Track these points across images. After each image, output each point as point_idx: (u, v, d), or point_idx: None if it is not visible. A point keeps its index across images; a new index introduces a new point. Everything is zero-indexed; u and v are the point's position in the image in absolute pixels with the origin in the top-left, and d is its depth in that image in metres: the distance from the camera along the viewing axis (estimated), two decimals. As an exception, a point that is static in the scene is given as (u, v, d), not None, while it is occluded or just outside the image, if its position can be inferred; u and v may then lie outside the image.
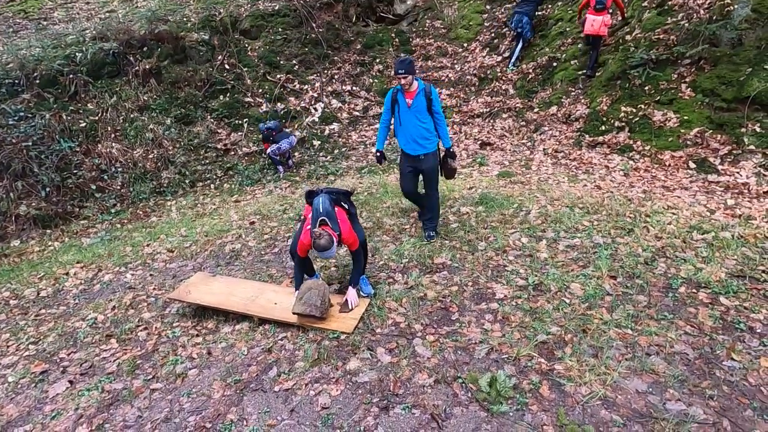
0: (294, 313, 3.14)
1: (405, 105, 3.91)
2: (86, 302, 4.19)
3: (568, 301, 3.25)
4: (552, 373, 2.60)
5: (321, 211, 3.14)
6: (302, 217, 3.47)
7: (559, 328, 2.97)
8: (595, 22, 7.13)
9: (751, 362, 2.55)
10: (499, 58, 9.41)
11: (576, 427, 2.20)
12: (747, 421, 2.19)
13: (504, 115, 8.16)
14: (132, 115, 7.65)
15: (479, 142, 7.63)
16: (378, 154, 4.35)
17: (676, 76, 6.18)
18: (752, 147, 5.20)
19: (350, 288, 3.36)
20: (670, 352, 2.68)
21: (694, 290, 3.24)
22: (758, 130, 5.26)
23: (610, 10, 7.33)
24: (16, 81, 7.14)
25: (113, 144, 7.23)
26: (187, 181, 7.32)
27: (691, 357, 2.63)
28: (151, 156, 7.32)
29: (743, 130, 5.36)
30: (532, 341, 2.86)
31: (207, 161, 7.74)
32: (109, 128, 7.41)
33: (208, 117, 8.26)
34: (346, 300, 3.33)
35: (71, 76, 7.47)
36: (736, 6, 5.81)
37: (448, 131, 4.10)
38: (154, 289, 4.25)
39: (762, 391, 2.35)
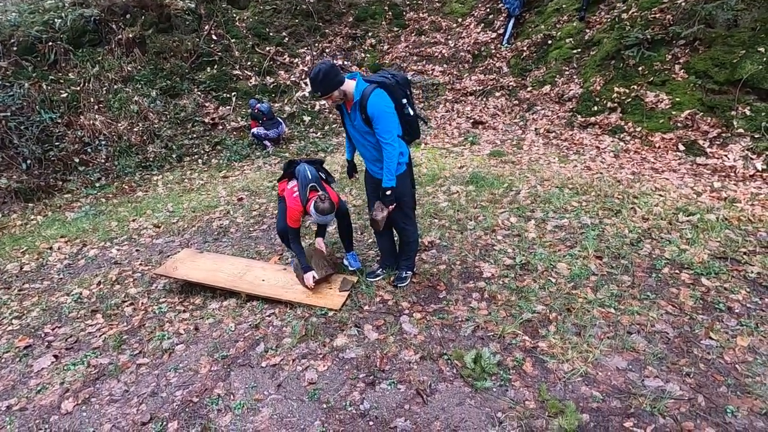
0: (317, 282, 3.25)
1: (348, 118, 2.85)
2: (71, 277, 4.14)
3: (554, 280, 3.29)
4: (536, 351, 2.65)
5: (310, 177, 3.13)
6: (279, 196, 3.48)
7: (545, 306, 3.02)
8: None
9: (728, 341, 2.62)
10: (494, 35, 9.24)
11: (557, 402, 2.25)
12: (721, 397, 2.26)
13: (497, 94, 8.07)
14: (115, 86, 7.41)
15: (471, 121, 7.56)
16: (347, 164, 3.38)
17: (670, 56, 6.14)
18: (741, 130, 5.23)
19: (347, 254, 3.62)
20: (650, 331, 2.74)
21: (677, 271, 3.30)
22: (748, 113, 5.27)
23: None
24: (-8, 48, 6.84)
25: (96, 116, 7.02)
26: (173, 156, 7.17)
27: (671, 336, 2.70)
28: (136, 129, 7.14)
29: (733, 113, 5.37)
30: (517, 319, 2.90)
31: (194, 135, 7.57)
32: (92, 99, 7.18)
33: (195, 89, 8.04)
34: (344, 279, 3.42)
35: (50, 43, 7.18)
36: (733, -14, 5.74)
37: (394, 164, 2.71)
38: (140, 264, 4.20)
39: (737, 369, 2.43)
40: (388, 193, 2.80)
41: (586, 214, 4.18)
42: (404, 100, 2.75)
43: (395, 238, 3.40)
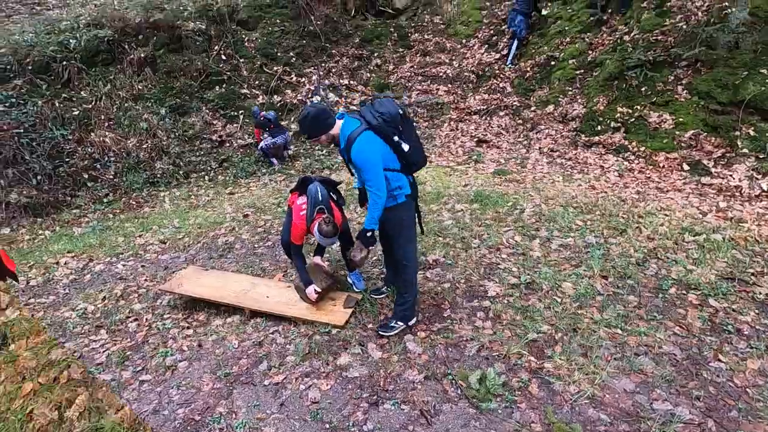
0: (318, 292, 3.23)
1: (342, 155, 2.72)
2: (76, 292, 4.15)
3: (559, 299, 3.27)
4: (541, 372, 2.61)
5: (320, 199, 3.12)
6: (288, 206, 3.47)
7: (550, 326, 2.99)
8: None
9: (738, 364, 2.57)
10: (498, 56, 9.38)
11: (563, 425, 2.21)
12: (732, 422, 2.21)
13: (501, 113, 8.15)
14: (126, 104, 7.56)
15: (476, 140, 7.62)
16: (358, 192, 3.14)
17: (672, 77, 6.20)
18: (745, 150, 5.23)
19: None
20: (658, 352, 2.70)
21: (683, 291, 3.27)
22: (752, 133, 5.29)
23: None
24: (8, 67, 7.02)
25: (106, 133, 7.15)
26: (181, 172, 7.26)
27: (679, 358, 2.66)
28: (144, 146, 7.25)
29: (737, 133, 5.39)
30: (522, 339, 2.88)
31: (201, 152, 7.67)
32: (103, 117, 7.32)
33: (204, 108, 8.19)
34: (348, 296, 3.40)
35: (64, 63, 7.36)
36: (733, 9, 5.82)
37: (378, 211, 2.57)
38: (145, 280, 4.22)
39: (747, 393, 2.38)
40: (368, 234, 2.68)
41: (591, 233, 4.17)
42: (396, 138, 2.55)
43: None
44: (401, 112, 2.52)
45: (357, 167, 2.57)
